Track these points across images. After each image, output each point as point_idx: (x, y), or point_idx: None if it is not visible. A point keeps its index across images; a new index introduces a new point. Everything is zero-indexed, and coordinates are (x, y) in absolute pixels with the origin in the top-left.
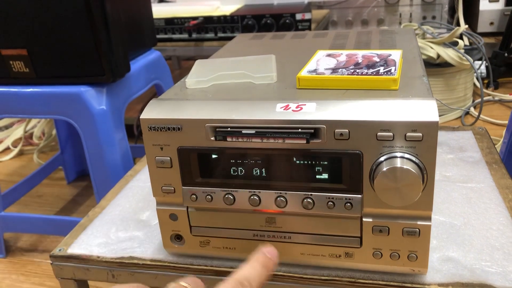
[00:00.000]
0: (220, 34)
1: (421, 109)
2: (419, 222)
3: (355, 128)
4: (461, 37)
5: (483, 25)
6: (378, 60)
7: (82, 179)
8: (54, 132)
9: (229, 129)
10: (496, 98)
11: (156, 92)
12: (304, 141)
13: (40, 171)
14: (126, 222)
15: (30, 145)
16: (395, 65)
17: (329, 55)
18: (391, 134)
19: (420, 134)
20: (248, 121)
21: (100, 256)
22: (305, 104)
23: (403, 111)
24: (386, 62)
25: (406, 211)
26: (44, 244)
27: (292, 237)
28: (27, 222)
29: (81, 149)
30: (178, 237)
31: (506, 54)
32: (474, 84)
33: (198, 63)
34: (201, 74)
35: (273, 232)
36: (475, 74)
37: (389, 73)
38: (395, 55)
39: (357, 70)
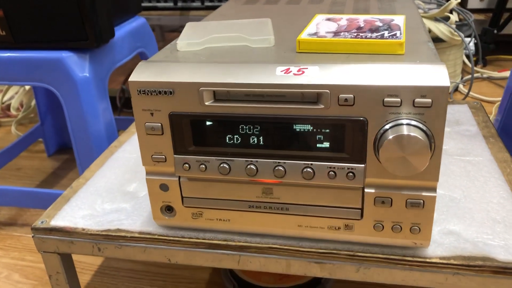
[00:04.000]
0: (208, 3)
1: (431, 74)
2: (423, 193)
3: (361, 93)
4: (451, 13)
5: (473, 1)
6: (381, 24)
7: (63, 151)
8: (33, 103)
9: (225, 93)
10: (485, 76)
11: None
12: (306, 107)
13: (18, 143)
14: (112, 193)
15: (8, 117)
16: (399, 30)
17: (328, 19)
18: (399, 99)
19: (430, 100)
20: (246, 85)
21: (86, 228)
22: (307, 68)
23: (411, 75)
24: (389, 26)
25: (410, 181)
26: (24, 217)
27: (289, 208)
28: (5, 195)
29: (62, 121)
30: (168, 209)
31: (495, 31)
32: (463, 61)
33: (189, 25)
34: (193, 36)
35: (270, 203)
36: (465, 50)
37: (394, 37)
38: (399, 20)
39: (360, 34)
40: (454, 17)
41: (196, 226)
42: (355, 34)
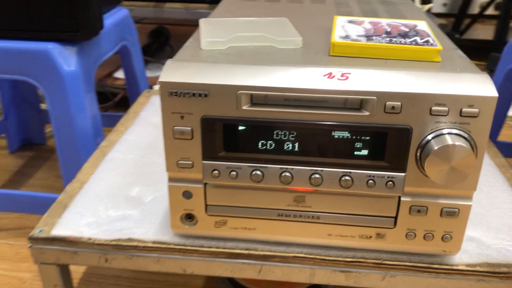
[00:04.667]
0: None
1: (478, 83)
2: (460, 202)
3: (409, 101)
4: None
5: (436, 6)
6: (407, 29)
7: (27, 148)
8: None
9: (263, 97)
10: None
11: (121, 55)
12: (349, 113)
13: None
14: (114, 198)
15: None
16: (429, 36)
17: (351, 22)
18: (447, 108)
19: (477, 109)
20: (287, 90)
21: (92, 237)
22: (350, 73)
23: (459, 84)
24: (417, 32)
25: (448, 190)
26: None
27: (321, 217)
28: None
29: (26, 115)
30: (189, 217)
31: (457, 36)
32: None
33: (204, 23)
34: (215, 34)
35: (301, 211)
36: None
37: (428, 43)
38: (422, 25)
39: (393, 39)
40: None
41: (218, 235)
42: (388, 39)
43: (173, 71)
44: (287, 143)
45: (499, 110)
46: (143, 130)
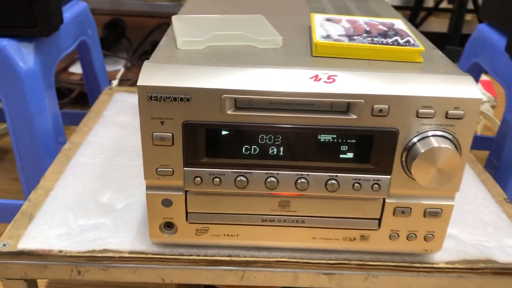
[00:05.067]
0: None
1: (463, 85)
2: (442, 202)
3: (396, 104)
4: None
5: None
6: (385, 28)
7: None
8: None
9: (248, 100)
10: None
11: (79, 50)
12: (336, 116)
13: None
14: (84, 206)
15: None
16: (409, 35)
17: (329, 20)
18: (433, 111)
19: (463, 111)
20: (274, 93)
21: (64, 250)
22: (336, 75)
23: (445, 87)
24: (396, 32)
25: (432, 191)
26: None
27: (305, 221)
28: None
29: None
30: (168, 225)
31: None
32: None
33: (177, 20)
34: (191, 33)
35: (286, 216)
36: None
37: (410, 44)
38: (399, 24)
39: (375, 39)
40: None
41: (199, 243)
42: (370, 39)
43: (152, 74)
44: (273, 147)
45: None
46: (109, 131)
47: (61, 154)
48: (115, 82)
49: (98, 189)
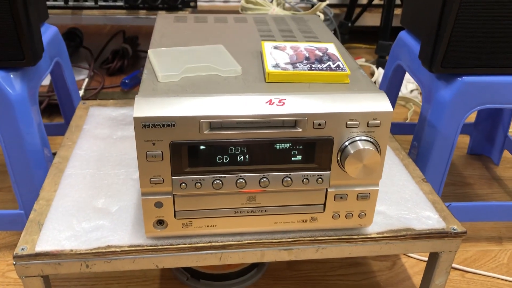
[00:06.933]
0: (101, 3)
1: (378, 102)
2: (370, 188)
3: (331, 118)
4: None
5: None
6: (321, 54)
7: None
8: None
9: (220, 122)
10: None
11: (52, 70)
12: (287, 130)
13: None
14: (84, 212)
15: None
16: (339, 60)
17: (276, 48)
18: (358, 122)
19: (379, 121)
20: (239, 116)
21: (74, 249)
22: (285, 99)
23: (366, 103)
24: (329, 56)
25: (361, 180)
26: None
27: (268, 210)
28: None
29: None
30: (160, 222)
31: (349, 24)
32: None
33: (154, 54)
34: (167, 67)
35: (253, 207)
36: None
37: (339, 68)
38: (331, 48)
39: (313, 66)
40: (322, 16)
41: (185, 234)
42: (309, 65)
43: (144, 107)
44: (240, 156)
45: (390, 98)
46: (91, 144)
47: (53, 167)
48: (80, 92)
49: (92, 196)
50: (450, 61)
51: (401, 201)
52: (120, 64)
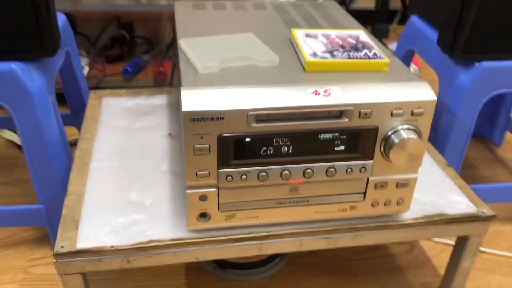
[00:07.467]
0: None
1: (422, 90)
2: (410, 176)
3: (377, 108)
4: None
5: None
6: (354, 42)
7: None
8: None
9: (266, 114)
10: None
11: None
12: (333, 121)
13: None
14: (118, 206)
15: None
16: (374, 48)
17: (308, 36)
18: (403, 111)
19: (423, 110)
20: (287, 108)
21: (115, 245)
22: (330, 89)
23: (410, 92)
24: (363, 44)
25: (402, 168)
26: None
27: (310, 200)
28: None
29: None
30: (203, 215)
31: (344, 7)
32: None
33: (187, 44)
34: (205, 57)
35: (295, 198)
36: None
37: (376, 56)
38: (363, 36)
39: (350, 54)
40: None
41: (228, 226)
42: (346, 54)
43: (192, 100)
44: (284, 147)
45: None
46: (111, 136)
47: (77, 160)
48: None
49: (124, 189)
50: (472, 47)
51: (431, 186)
52: (120, 51)
